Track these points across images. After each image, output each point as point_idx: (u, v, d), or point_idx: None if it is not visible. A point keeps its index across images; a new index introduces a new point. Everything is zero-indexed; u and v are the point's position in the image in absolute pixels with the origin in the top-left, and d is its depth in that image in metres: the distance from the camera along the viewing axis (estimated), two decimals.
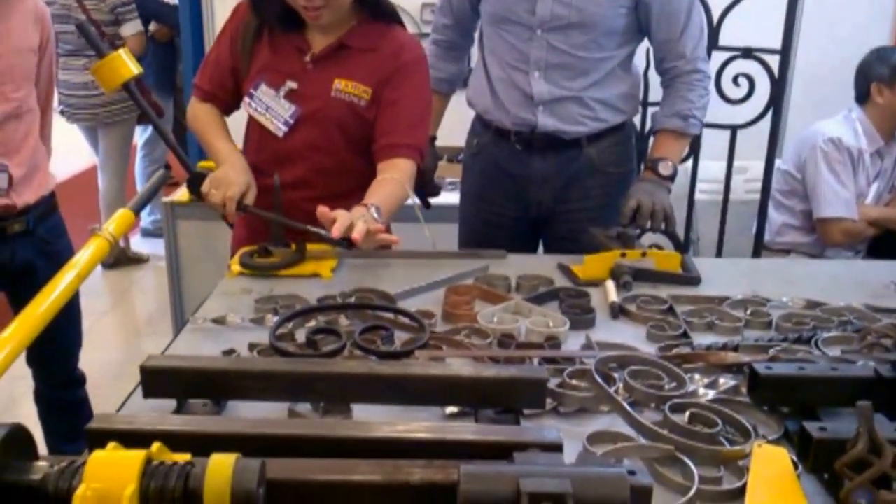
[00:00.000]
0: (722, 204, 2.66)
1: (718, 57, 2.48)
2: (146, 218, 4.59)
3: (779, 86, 2.43)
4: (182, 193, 2.86)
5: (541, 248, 2.00)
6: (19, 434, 0.64)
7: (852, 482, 0.71)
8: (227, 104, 1.70)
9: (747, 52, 2.44)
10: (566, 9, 1.66)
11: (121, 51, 1.80)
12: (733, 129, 2.53)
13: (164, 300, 3.19)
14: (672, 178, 1.70)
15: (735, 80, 2.44)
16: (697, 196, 2.86)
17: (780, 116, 2.51)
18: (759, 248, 2.66)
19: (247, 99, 1.61)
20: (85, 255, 1.04)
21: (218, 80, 1.67)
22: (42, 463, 0.64)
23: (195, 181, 1.54)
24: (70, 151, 4.07)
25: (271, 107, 1.60)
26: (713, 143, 2.60)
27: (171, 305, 2.97)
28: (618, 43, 1.72)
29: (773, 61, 2.41)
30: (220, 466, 0.61)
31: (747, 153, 2.67)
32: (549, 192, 1.82)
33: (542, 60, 1.72)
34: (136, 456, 0.62)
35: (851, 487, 0.71)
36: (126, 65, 1.73)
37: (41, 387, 2.08)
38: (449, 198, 2.20)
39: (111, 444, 0.64)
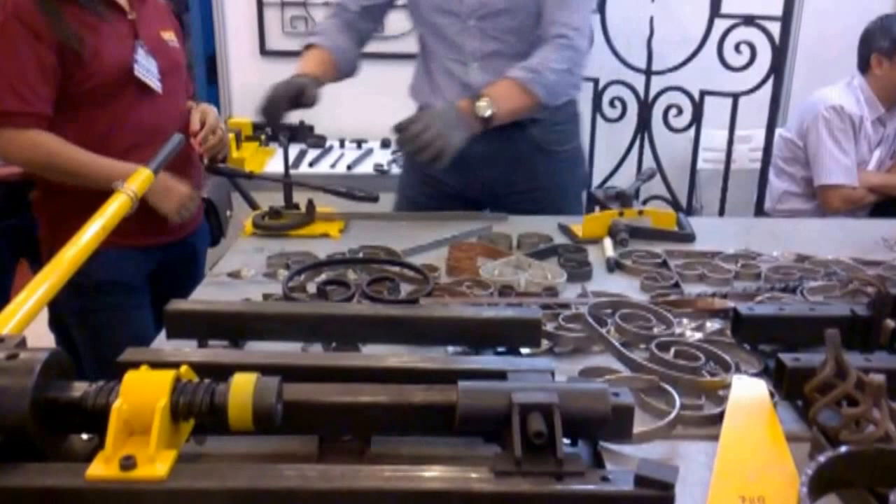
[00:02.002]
0: (723, 171, 2.71)
1: (720, 25, 2.52)
2: None
3: (780, 53, 2.47)
4: None
5: None
6: (59, 357, 0.71)
7: (818, 402, 0.77)
8: (51, 120, 1.55)
9: (749, 20, 2.48)
10: None
11: None
12: (735, 96, 2.57)
13: None
14: (487, 121, 1.55)
15: (737, 48, 2.48)
16: (701, 165, 2.91)
17: (782, 84, 2.55)
18: (760, 214, 2.71)
19: (135, 66, 1.57)
20: (109, 210, 1.11)
21: (48, 93, 1.51)
22: (81, 383, 0.71)
23: None
24: None
25: (149, 68, 1.60)
26: (717, 112, 2.64)
27: None
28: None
29: (775, 28, 2.45)
30: (243, 384, 0.68)
31: (751, 122, 2.72)
32: (495, 173, 1.78)
33: (477, 51, 1.69)
34: (167, 375, 0.68)
35: (818, 407, 0.77)
36: None
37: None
38: None
39: (143, 367, 0.71)
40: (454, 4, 1.66)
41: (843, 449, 0.69)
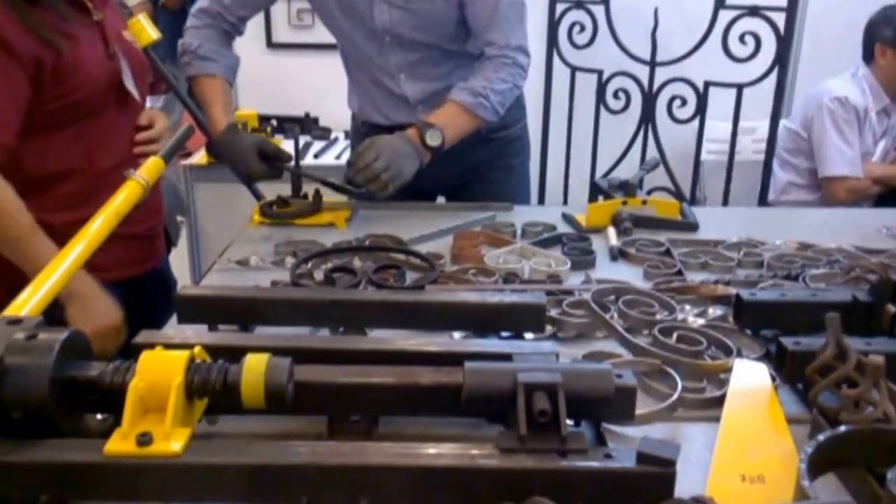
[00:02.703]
0: (727, 162, 2.71)
1: (725, 15, 2.52)
2: None
3: (785, 44, 2.47)
4: (200, 157, 2.94)
5: None
6: (77, 338, 0.73)
7: (819, 384, 0.78)
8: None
9: (754, 11, 2.48)
10: (403, 13, 1.61)
11: (140, 16, 1.86)
12: (739, 87, 2.57)
13: (181, 261, 3.28)
14: (436, 150, 1.56)
15: (741, 39, 2.48)
16: (706, 156, 2.91)
17: (787, 75, 2.56)
18: (764, 205, 2.72)
19: (122, 76, 1.44)
20: (120, 197, 1.12)
21: (18, 121, 1.28)
22: (98, 362, 0.72)
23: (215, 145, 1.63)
24: None
25: (128, 74, 1.46)
26: (721, 103, 2.64)
27: (189, 266, 3.06)
28: (466, 32, 1.67)
29: (780, 19, 2.45)
30: (256, 363, 0.70)
31: (756, 113, 2.72)
32: (444, 165, 1.69)
33: (401, 62, 1.69)
34: (182, 355, 0.70)
35: (818, 389, 0.79)
36: (145, 30, 1.80)
37: None
38: None
39: (158, 347, 0.73)
40: (368, 20, 1.64)
41: (842, 428, 0.71)
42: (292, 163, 1.61)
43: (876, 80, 2.61)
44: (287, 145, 1.67)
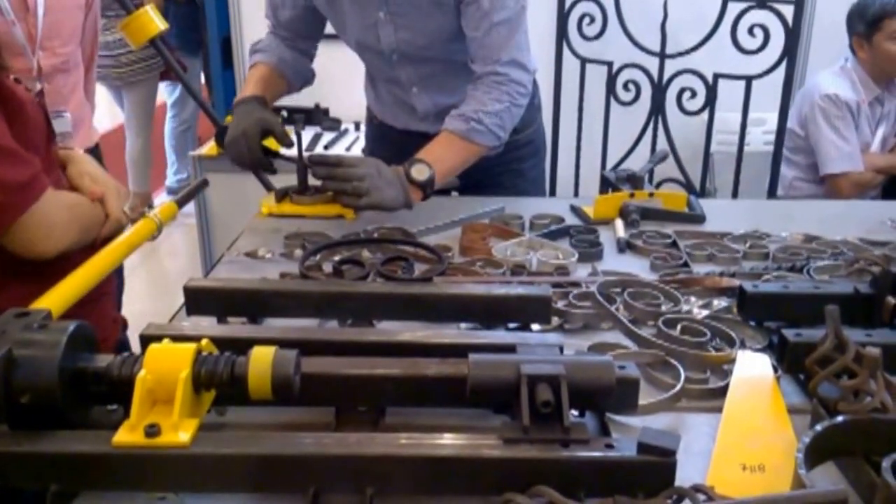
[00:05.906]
0: (737, 154, 2.71)
1: (734, 8, 2.52)
2: (171, 177, 4.71)
3: (793, 36, 2.46)
4: (210, 147, 2.96)
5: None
6: (84, 330, 0.74)
7: (818, 375, 0.79)
8: None
9: (762, 3, 2.47)
10: (407, 32, 1.58)
11: (147, 7, 1.87)
12: (748, 79, 2.57)
13: (192, 255, 3.31)
14: (424, 186, 1.47)
15: (750, 31, 2.47)
16: (716, 147, 2.91)
17: (795, 67, 2.55)
18: (773, 197, 2.72)
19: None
20: (134, 230, 1.14)
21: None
22: (106, 355, 0.74)
23: (224, 135, 1.64)
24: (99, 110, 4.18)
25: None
26: (731, 95, 2.64)
27: (200, 255, 3.09)
28: None
29: (788, 11, 2.44)
30: (262, 355, 0.71)
31: (765, 105, 2.71)
32: None
33: (413, 76, 1.68)
34: (189, 347, 0.72)
35: (818, 380, 0.79)
36: (153, 21, 1.82)
37: None
38: None
39: (165, 340, 0.74)
40: (373, 43, 1.64)
41: (839, 418, 0.72)
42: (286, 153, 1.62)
43: (864, 71, 2.62)
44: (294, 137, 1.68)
